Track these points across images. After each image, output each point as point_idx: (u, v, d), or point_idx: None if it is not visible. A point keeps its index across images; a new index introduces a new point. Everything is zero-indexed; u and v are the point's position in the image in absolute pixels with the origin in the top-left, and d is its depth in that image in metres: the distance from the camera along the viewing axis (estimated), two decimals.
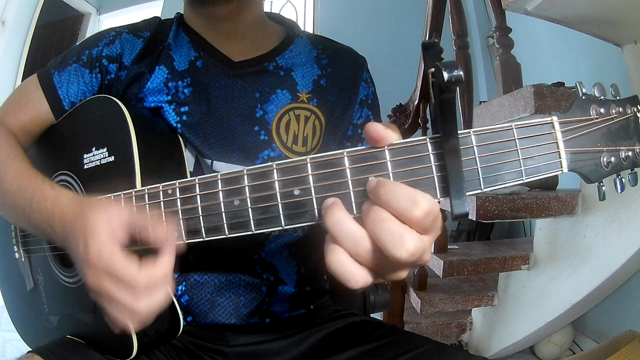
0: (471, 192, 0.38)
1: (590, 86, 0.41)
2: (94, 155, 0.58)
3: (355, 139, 0.70)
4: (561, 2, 1.08)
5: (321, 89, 0.69)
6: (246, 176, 0.42)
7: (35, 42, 3.19)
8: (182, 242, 0.47)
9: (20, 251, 0.71)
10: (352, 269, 0.35)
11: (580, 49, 1.97)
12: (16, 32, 2.98)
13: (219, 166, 0.62)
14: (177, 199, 0.46)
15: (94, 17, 3.95)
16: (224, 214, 0.43)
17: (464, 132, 0.38)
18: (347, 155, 0.39)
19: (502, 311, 1.77)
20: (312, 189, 0.39)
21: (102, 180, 0.56)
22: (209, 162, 0.63)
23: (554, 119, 0.38)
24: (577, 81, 0.41)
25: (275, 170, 0.41)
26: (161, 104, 0.64)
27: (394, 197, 0.34)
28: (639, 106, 0.41)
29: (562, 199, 1.47)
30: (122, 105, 0.57)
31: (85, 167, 0.59)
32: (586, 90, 0.41)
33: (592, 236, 1.43)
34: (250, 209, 0.42)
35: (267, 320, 0.68)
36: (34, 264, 0.69)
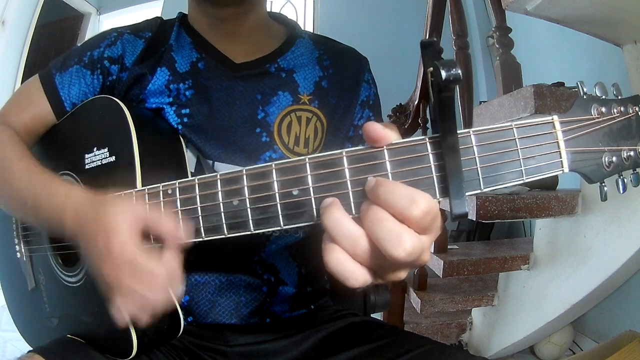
0: (471, 192, 0.37)
1: (591, 86, 0.41)
2: (95, 155, 0.58)
3: (356, 140, 0.70)
4: (561, 2, 1.08)
5: (322, 91, 0.69)
6: (245, 176, 0.42)
7: (35, 42, 3.20)
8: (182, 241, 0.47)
9: (21, 250, 0.71)
10: (350, 268, 0.35)
11: (580, 49, 1.97)
12: (16, 32, 2.99)
13: (220, 167, 0.62)
14: (177, 199, 0.46)
15: (94, 17, 3.95)
16: (223, 214, 0.43)
17: (463, 131, 0.38)
18: (345, 155, 0.39)
19: (502, 311, 1.77)
20: (311, 189, 0.39)
21: (103, 180, 0.56)
22: (210, 162, 0.63)
23: (555, 118, 0.38)
24: (579, 81, 0.41)
25: (274, 170, 0.41)
26: (162, 106, 0.64)
27: (392, 197, 0.34)
28: None
29: (562, 199, 1.46)
30: (123, 105, 0.57)
31: (86, 167, 0.59)
32: (587, 90, 0.40)
33: (592, 236, 1.43)
34: (249, 209, 0.42)
35: (268, 320, 0.68)
36: (35, 264, 0.69)
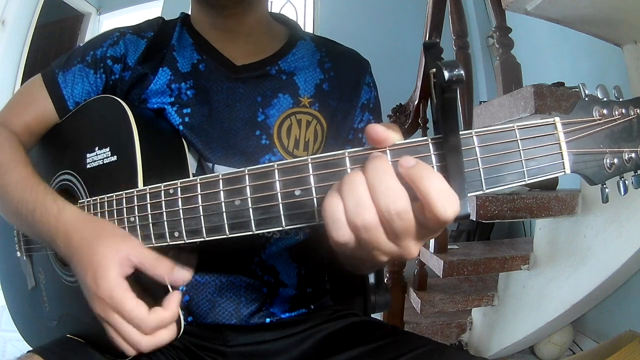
0: (473, 193, 0.38)
1: (592, 87, 0.41)
2: (96, 154, 0.58)
3: (355, 143, 0.70)
4: (561, 2, 1.08)
5: (323, 93, 0.69)
6: (247, 176, 0.42)
7: (35, 42, 3.20)
8: (183, 241, 0.47)
9: (22, 250, 0.71)
10: (343, 219, 0.36)
11: (580, 49, 1.97)
12: (16, 32, 2.99)
13: (220, 170, 0.62)
14: (179, 199, 0.46)
15: (94, 17, 3.95)
16: (224, 213, 0.43)
17: (465, 132, 0.38)
18: (348, 155, 0.39)
19: (502, 311, 1.77)
20: (313, 189, 0.39)
21: (104, 179, 0.56)
22: (210, 165, 0.63)
23: (557, 119, 0.38)
24: (580, 82, 0.41)
25: (276, 170, 0.41)
26: (164, 106, 0.64)
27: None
28: None
29: (562, 199, 1.47)
30: (125, 105, 0.57)
31: (88, 166, 0.59)
32: (589, 91, 0.40)
33: (592, 236, 1.43)
34: (251, 209, 0.42)
35: (268, 320, 0.68)
36: (35, 263, 0.69)
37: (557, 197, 1.47)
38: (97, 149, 0.58)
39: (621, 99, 0.41)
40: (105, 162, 0.57)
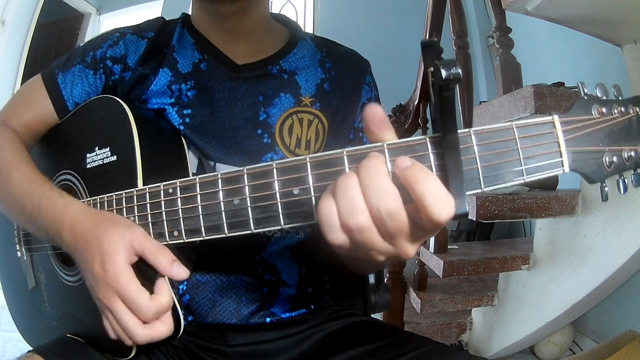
0: (471, 192, 0.37)
1: (591, 87, 0.41)
2: (96, 154, 0.58)
3: (356, 142, 0.70)
4: (561, 2, 1.08)
5: (324, 93, 0.69)
6: (246, 175, 0.42)
7: (35, 42, 3.20)
8: (182, 240, 0.47)
9: (22, 249, 0.71)
10: (336, 222, 0.36)
11: (580, 49, 1.97)
12: (16, 32, 2.99)
13: (221, 168, 0.62)
14: (178, 198, 0.46)
15: (94, 17, 3.95)
16: (223, 213, 0.43)
17: (463, 131, 0.38)
18: (346, 154, 0.39)
19: (502, 311, 1.77)
20: (312, 188, 0.39)
21: (104, 179, 0.57)
22: (212, 164, 0.63)
23: (555, 118, 0.38)
24: (579, 81, 0.41)
25: (274, 169, 0.41)
26: (164, 106, 0.64)
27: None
28: None
29: (562, 199, 1.47)
30: (125, 105, 0.57)
31: (88, 166, 0.59)
32: (588, 90, 0.40)
33: (592, 236, 1.43)
34: (249, 208, 0.42)
35: (268, 320, 0.68)
36: (35, 263, 0.69)
37: (557, 197, 1.47)
38: (97, 149, 0.58)
39: (620, 98, 0.41)
40: (105, 162, 0.57)
